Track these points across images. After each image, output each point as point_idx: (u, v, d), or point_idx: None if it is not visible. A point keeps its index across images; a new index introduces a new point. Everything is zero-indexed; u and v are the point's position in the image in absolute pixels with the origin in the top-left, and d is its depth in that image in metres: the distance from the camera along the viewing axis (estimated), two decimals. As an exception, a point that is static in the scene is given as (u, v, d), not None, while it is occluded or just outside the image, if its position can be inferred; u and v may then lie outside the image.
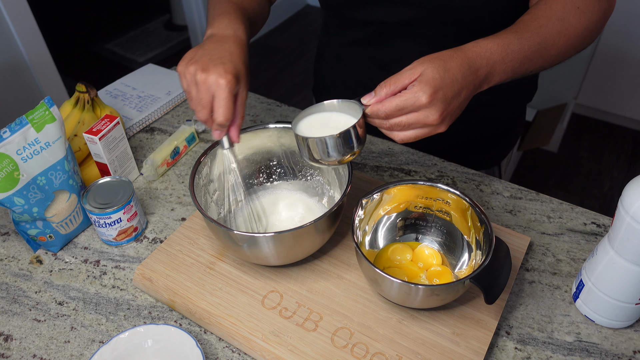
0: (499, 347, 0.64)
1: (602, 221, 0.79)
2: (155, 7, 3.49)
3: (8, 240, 0.79)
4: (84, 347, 0.65)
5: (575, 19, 0.64)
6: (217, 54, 0.62)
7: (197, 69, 0.60)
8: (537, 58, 0.63)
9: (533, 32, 0.62)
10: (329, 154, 0.59)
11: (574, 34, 0.64)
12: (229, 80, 0.59)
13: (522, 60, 0.61)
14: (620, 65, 2.16)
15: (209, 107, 0.61)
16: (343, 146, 0.58)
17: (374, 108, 0.57)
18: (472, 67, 0.57)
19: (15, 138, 0.67)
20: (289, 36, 3.21)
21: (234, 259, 0.73)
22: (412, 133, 0.57)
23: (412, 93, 0.54)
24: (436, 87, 0.54)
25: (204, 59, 0.61)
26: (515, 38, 0.61)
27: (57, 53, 2.23)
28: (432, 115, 0.55)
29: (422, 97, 0.54)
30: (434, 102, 0.54)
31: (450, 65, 0.56)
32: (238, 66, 0.62)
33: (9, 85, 1.90)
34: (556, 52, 0.64)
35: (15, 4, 1.81)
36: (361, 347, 0.62)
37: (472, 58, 0.58)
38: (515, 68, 0.61)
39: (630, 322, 0.65)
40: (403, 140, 0.58)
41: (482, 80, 0.59)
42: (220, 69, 0.60)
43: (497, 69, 0.60)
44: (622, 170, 2.22)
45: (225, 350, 0.65)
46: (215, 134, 0.64)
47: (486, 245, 0.62)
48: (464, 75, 0.57)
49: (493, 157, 1.02)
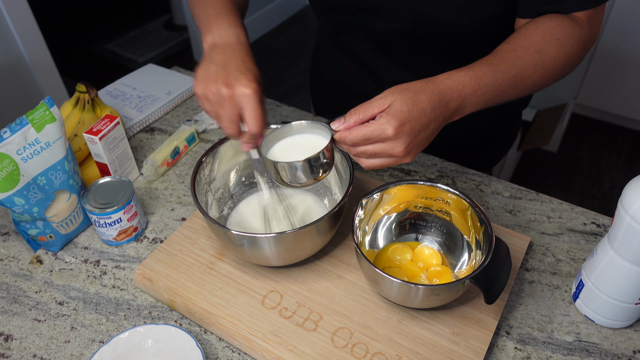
0: (498, 347, 0.64)
1: (602, 221, 0.79)
2: (155, 7, 3.49)
3: (8, 240, 0.79)
4: (84, 347, 0.65)
5: (554, 51, 0.63)
6: (233, 66, 0.60)
7: (219, 86, 0.59)
8: (512, 90, 0.63)
9: (509, 64, 0.62)
10: (297, 177, 0.60)
11: (552, 66, 0.64)
12: (255, 89, 0.58)
13: (495, 93, 0.61)
14: (620, 65, 2.16)
15: (238, 121, 0.60)
16: (311, 170, 0.59)
17: (342, 135, 0.57)
18: (443, 99, 0.57)
19: (16, 138, 0.67)
20: (289, 36, 3.22)
21: (234, 259, 0.73)
22: (378, 162, 0.58)
23: (378, 124, 0.55)
24: (403, 120, 0.54)
25: (221, 74, 0.59)
26: (489, 71, 0.60)
27: (57, 53, 2.23)
28: (398, 148, 0.55)
29: (389, 130, 0.54)
30: (399, 135, 0.55)
31: (420, 98, 0.56)
32: (256, 73, 0.61)
33: (9, 85, 1.90)
34: (532, 83, 0.64)
35: (15, 4, 1.81)
36: (361, 347, 0.62)
37: (444, 91, 0.58)
38: (488, 100, 0.61)
39: (630, 322, 0.65)
40: (369, 167, 0.58)
41: (453, 112, 0.59)
42: (243, 80, 0.59)
43: (468, 102, 0.60)
44: (622, 170, 2.22)
45: (225, 350, 0.65)
46: (245, 146, 0.62)
47: (486, 245, 0.62)
48: (433, 108, 0.57)
49: (485, 162, 1.02)
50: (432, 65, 0.81)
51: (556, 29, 0.64)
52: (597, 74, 2.22)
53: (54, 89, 2.05)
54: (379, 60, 0.86)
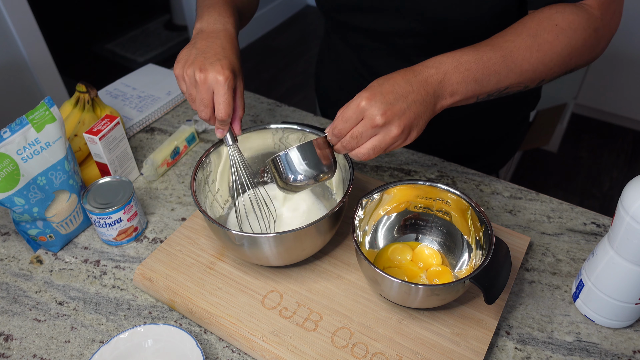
0: (498, 347, 0.64)
1: (602, 221, 0.79)
2: (155, 7, 3.49)
3: (8, 240, 0.79)
4: (84, 347, 0.65)
5: (552, 36, 0.63)
6: (212, 52, 0.63)
7: (194, 69, 0.62)
8: (507, 71, 0.62)
9: (494, 45, 0.62)
10: (291, 169, 0.61)
11: (551, 50, 0.63)
12: (227, 76, 0.61)
13: (483, 71, 0.61)
14: (620, 65, 2.16)
15: (211, 105, 0.63)
16: (305, 163, 0.60)
17: (329, 129, 0.59)
18: (419, 74, 0.58)
19: (16, 138, 0.67)
20: (289, 36, 3.22)
21: (234, 259, 0.73)
22: (369, 144, 0.58)
23: (353, 101, 0.57)
24: (374, 91, 0.56)
25: (199, 58, 0.62)
26: (470, 50, 0.61)
27: (57, 53, 2.23)
28: (375, 115, 0.55)
29: (361, 102, 0.56)
30: (372, 103, 0.55)
31: (393, 75, 0.58)
32: (233, 61, 0.63)
33: (9, 85, 1.90)
34: (531, 67, 0.63)
35: (15, 4, 1.81)
36: (361, 347, 0.62)
37: (417, 69, 0.59)
38: (478, 78, 0.61)
39: (630, 322, 0.65)
40: (364, 154, 0.58)
41: (437, 87, 0.59)
42: (217, 67, 0.61)
43: (452, 78, 0.59)
44: (622, 170, 2.22)
45: (225, 350, 0.65)
46: (218, 132, 0.66)
47: (486, 245, 0.62)
48: (407, 80, 0.57)
49: (492, 164, 1.02)
50: None
51: (556, 15, 0.64)
52: (597, 74, 2.22)
53: (54, 89, 2.05)
54: (384, 59, 0.86)
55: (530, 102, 0.98)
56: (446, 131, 0.92)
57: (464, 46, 0.62)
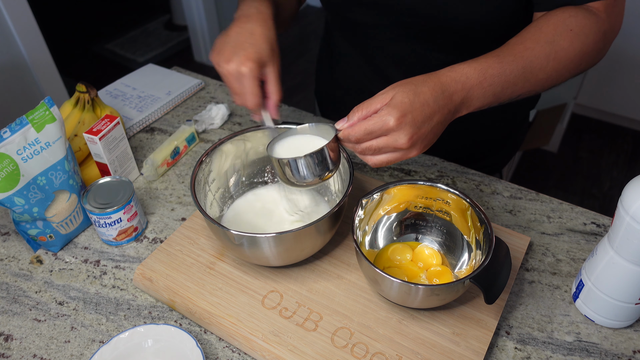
0: (498, 347, 0.64)
1: (602, 221, 0.79)
2: (155, 7, 3.49)
3: (8, 240, 0.79)
4: (84, 347, 0.65)
5: (567, 42, 0.62)
6: (240, 40, 0.64)
7: (221, 60, 0.64)
8: (523, 82, 0.61)
9: (517, 55, 0.61)
10: (300, 174, 0.60)
11: (566, 57, 0.63)
12: (250, 67, 0.63)
13: (504, 85, 0.60)
14: (620, 65, 2.16)
15: (242, 94, 0.65)
16: (315, 167, 0.59)
17: (346, 132, 0.57)
18: (446, 91, 0.57)
19: (16, 138, 0.67)
20: (289, 36, 3.21)
21: (234, 259, 0.73)
22: (384, 157, 0.57)
23: (380, 117, 0.55)
24: (404, 110, 0.54)
25: (226, 48, 0.64)
26: (495, 62, 0.60)
27: (57, 53, 2.22)
28: (401, 139, 0.55)
29: (390, 121, 0.54)
30: (401, 126, 0.54)
31: (422, 89, 0.56)
32: (260, 48, 0.64)
33: (9, 85, 1.90)
34: (545, 75, 0.63)
35: (15, 4, 1.81)
36: (361, 347, 0.62)
37: (446, 82, 0.57)
38: (497, 93, 0.60)
39: (630, 322, 0.65)
40: (376, 164, 0.58)
41: (459, 105, 0.59)
42: (241, 57, 0.63)
43: (474, 94, 0.59)
44: (622, 170, 2.22)
45: (225, 350, 0.65)
46: (253, 116, 0.70)
47: (486, 245, 0.62)
48: (435, 99, 0.56)
49: (495, 164, 1.02)
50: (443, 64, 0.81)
51: (569, 19, 0.63)
52: (597, 74, 2.22)
53: (54, 89, 2.05)
54: (387, 58, 0.86)
55: (531, 100, 0.98)
56: (446, 132, 0.92)
57: (470, 42, 0.62)
